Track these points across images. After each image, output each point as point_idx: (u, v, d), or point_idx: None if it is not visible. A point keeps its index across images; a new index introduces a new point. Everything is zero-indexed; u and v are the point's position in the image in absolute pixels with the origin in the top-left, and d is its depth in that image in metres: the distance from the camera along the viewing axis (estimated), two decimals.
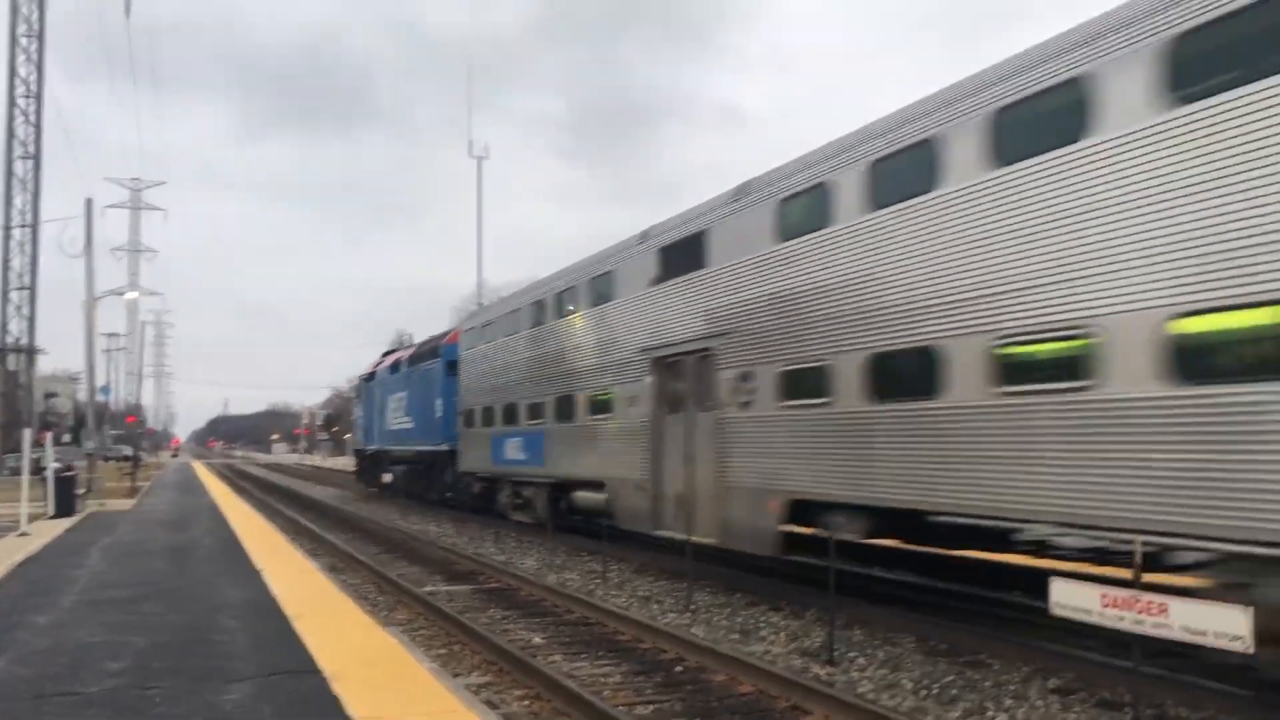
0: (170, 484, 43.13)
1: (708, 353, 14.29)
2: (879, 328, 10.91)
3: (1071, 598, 7.41)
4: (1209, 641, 6.49)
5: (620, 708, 7.85)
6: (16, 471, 38.22)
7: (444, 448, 28.32)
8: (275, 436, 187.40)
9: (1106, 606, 7.10)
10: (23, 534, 18.32)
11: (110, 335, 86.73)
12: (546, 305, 21.03)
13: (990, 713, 7.91)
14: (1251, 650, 6.24)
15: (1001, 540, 10.38)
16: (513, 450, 22.57)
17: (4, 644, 8.61)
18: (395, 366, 35.94)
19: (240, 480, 55.07)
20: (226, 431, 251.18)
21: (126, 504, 28.92)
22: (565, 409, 19.64)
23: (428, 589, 14.17)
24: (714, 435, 14.00)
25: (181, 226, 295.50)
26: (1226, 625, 6.35)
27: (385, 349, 45.27)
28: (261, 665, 7.81)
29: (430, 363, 30.64)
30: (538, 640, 10.85)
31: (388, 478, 35.26)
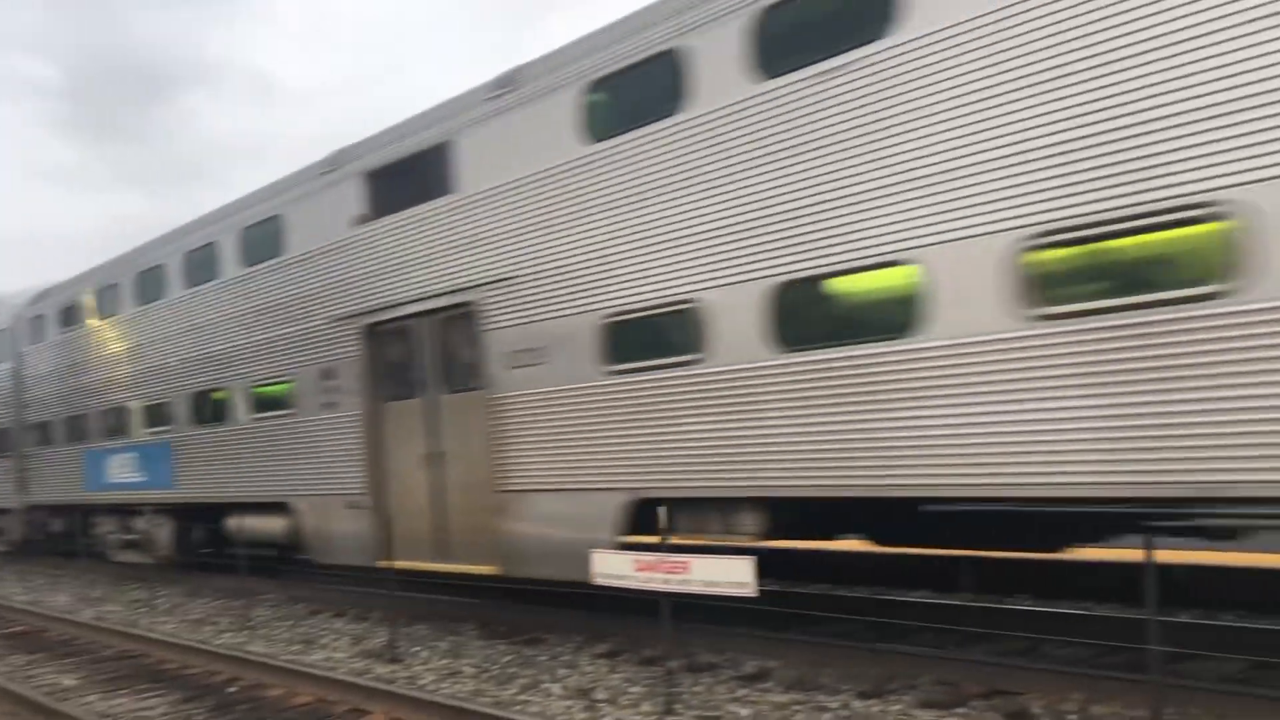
0: None
1: None
2: None
3: (610, 567, 8.01)
4: (723, 590, 7.34)
5: None
6: None
7: None
8: None
9: (640, 570, 7.77)
10: None
11: None
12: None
13: (545, 684, 8.34)
14: (756, 594, 7.14)
15: None
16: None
17: None
18: None
19: None
20: None
21: None
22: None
23: None
24: None
25: None
26: (735, 575, 7.22)
27: None
28: None
29: None
30: (69, 682, 9.69)
31: None
